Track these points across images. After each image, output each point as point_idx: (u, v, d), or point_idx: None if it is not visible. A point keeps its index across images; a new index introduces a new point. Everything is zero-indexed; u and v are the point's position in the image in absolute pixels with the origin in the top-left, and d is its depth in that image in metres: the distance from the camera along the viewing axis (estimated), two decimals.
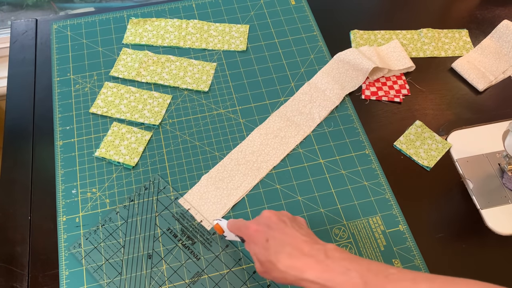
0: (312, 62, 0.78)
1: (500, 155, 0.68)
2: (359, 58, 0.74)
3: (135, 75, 0.75)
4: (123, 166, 0.66)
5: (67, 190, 0.64)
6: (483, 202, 0.64)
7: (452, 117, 0.73)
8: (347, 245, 0.60)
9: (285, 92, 0.75)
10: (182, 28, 0.81)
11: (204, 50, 0.79)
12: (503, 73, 0.77)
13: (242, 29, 0.82)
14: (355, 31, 0.82)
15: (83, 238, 0.60)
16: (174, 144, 0.69)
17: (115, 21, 0.82)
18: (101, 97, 0.73)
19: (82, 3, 1.34)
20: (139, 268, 0.58)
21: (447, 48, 0.81)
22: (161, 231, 0.60)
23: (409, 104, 0.74)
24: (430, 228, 0.62)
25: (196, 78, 0.75)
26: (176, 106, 0.73)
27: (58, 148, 0.68)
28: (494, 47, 0.80)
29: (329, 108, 0.72)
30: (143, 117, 0.71)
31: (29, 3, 1.31)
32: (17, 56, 0.78)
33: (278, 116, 0.71)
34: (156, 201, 0.63)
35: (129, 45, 0.79)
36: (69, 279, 0.57)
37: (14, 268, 0.58)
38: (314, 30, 0.82)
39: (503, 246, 0.61)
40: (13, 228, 0.61)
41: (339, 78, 0.75)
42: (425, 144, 0.69)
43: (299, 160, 0.68)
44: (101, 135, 0.69)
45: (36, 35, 0.81)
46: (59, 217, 0.62)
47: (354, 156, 0.68)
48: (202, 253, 0.59)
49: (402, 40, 0.81)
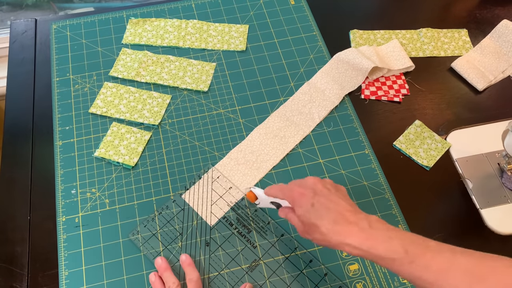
0: (311, 62, 0.78)
1: (499, 154, 0.68)
2: (359, 57, 0.74)
3: (134, 75, 0.75)
4: (123, 166, 0.66)
5: (66, 190, 0.64)
6: (483, 202, 0.64)
7: (451, 117, 0.73)
8: None
9: (284, 92, 0.75)
10: (181, 28, 0.81)
11: (204, 50, 0.79)
12: (502, 73, 0.77)
13: (241, 29, 0.82)
14: (354, 30, 0.82)
15: (141, 226, 0.61)
16: (174, 144, 0.69)
17: (114, 21, 0.82)
18: (101, 97, 0.73)
19: (82, 3, 1.34)
20: (197, 254, 0.59)
21: (446, 48, 0.81)
22: (217, 219, 0.62)
23: (409, 103, 0.74)
24: (430, 228, 0.62)
25: (196, 78, 0.75)
26: (176, 106, 0.73)
27: (58, 148, 0.68)
28: (493, 47, 0.80)
29: (328, 108, 0.72)
30: (143, 117, 0.71)
31: (29, 3, 1.31)
32: (16, 56, 0.78)
33: (278, 116, 0.71)
34: (211, 191, 0.64)
35: (129, 45, 0.79)
36: (69, 279, 0.57)
37: (14, 268, 0.58)
38: (314, 30, 0.82)
39: (503, 245, 0.61)
40: (12, 228, 0.61)
41: (339, 78, 0.75)
42: (425, 144, 0.69)
43: (299, 160, 0.68)
44: (101, 135, 0.69)
45: (36, 35, 0.81)
46: (58, 217, 0.62)
47: (353, 156, 0.68)
48: (257, 241, 0.60)
49: (401, 40, 0.81)
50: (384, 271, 0.59)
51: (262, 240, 0.61)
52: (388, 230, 0.44)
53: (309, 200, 0.47)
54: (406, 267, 0.41)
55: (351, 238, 0.44)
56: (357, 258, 0.60)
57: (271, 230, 0.61)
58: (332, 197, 0.47)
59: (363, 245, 0.43)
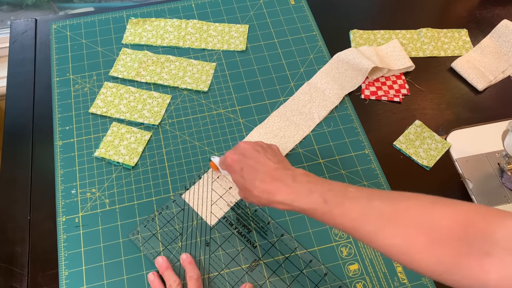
0: (311, 62, 0.78)
1: (499, 154, 0.68)
2: (359, 57, 0.74)
3: (134, 75, 0.75)
4: (123, 166, 0.66)
5: (66, 190, 0.64)
6: (483, 202, 0.64)
7: (451, 117, 0.73)
8: (346, 245, 0.60)
9: (284, 92, 0.75)
10: (181, 28, 0.81)
11: (204, 50, 0.79)
12: (502, 73, 0.77)
13: (241, 29, 0.82)
14: (354, 30, 0.82)
15: (141, 226, 0.61)
16: (174, 144, 0.69)
17: (114, 21, 0.82)
18: (101, 97, 0.73)
19: (82, 3, 1.34)
20: (197, 254, 0.59)
21: (446, 48, 0.81)
22: (217, 219, 0.62)
23: (409, 103, 0.74)
24: None
25: (196, 78, 0.75)
26: (176, 106, 0.73)
27: (58, 148, 0.68)
28: (493, 47, 0.80)
29: (328, 108, 0.72)
30: (143, 117, 0.71)
31: (29, 3, 1.31)
32: (16, 56, 0.78)
33: (278, 116, 0.71)
34: (211, 191, 0.64)
35: (129, 45, 0.79)
36: (69, 279, 0.57)
37: (14, 268, 0.58)
38: (314, 30, 0.82)
39: None
40: (12, 228, 0.61)
41: (339, 78, 0.75)
42: (425, 144, 0.69)
43: (299, 160, 0.68)
44: (101, 135, 0.69)
45: (36, 35, 0.81)
46: (58, 217, 0.62)
47: (353, 156, 0.68)
48: (257, 241, 0.60)
49: (401, 40, 0.81)
50: (384, 271, 0.59)
51: (262, 240, 0.61)
52: (310, 182, 0.46)
53: (239, 165, 0.50)
54: (327, 217, 0.44)
55: (278, 195, 0.46)
56: (357, 258, 0.60)
57: (271, 230, 0.61)
58: (260, 158, 0.50)
59: (287, 200, 0.46)
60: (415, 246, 0.38)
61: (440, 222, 0.38)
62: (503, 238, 0.34)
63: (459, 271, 0.36)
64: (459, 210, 0.38)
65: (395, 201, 0.41)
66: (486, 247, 0.35)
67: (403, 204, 0.41)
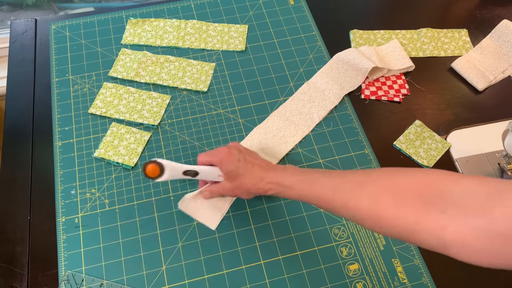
0: (311, 62, 0.78)
1: (499, 154, 0.68)
2: (359, 58, 0.74)
3: (134, 75, 0.75)
4: (122, 167, 0.66)
5: (66, 191, 0.64)
6: None
7: (451, 117, 0.73)
8: (346, 244, 0.60)
9: (284, 92, 0.74)
10: (181, 28, 0.81)
11: (203, 50, 0.79)
12: (502, 73, 0.77)
13: (241, 29, 0.82)
14: (354, 30, 0.82)
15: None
16: (173, 144, 0.69)
17: (114, 22, 0.82)
18: (100, 97, 0.73)
19: (82, 3, 1.34)
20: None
21: (446, 48, 0.81)
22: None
23: (409, 103, 0.74)
24: None
25: (195, 78, 0.75)
26: (175, 106, 0.73)
27: (57, 148, 0.68)
28: (493, 47, 0.80)
29: (328, 108, 0.72)
30: (142, 117, 0.71)
31: (29, 3, 1.31)
32: (16, 56, 0.78)
33: (277, 116, 0.71)
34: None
35: (128, 46, 0.79)
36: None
37: (14, 268, 0.58)
38: (313, 30, 0.82)
39: None
40: (12, 228, 0.61)
41: (339, 78, 0.75)
42: (425, 144, 0.69)
43: (299, 160, 0.68)
44: (100, 136, 0.69)
45: (36, 35, 0.81)
46: (58, 217, 0.62)
47: (353, 156, 0.68)
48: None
49: (401, 40, 0.81)
50: (384, 270, 0.59)
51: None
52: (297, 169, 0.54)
53: (236, 157, 0.57)
54: (307, 191, 0.50)
55: (268, 177, 0.54)
56: (357, 258, 0.60)
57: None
58: (252, 154, 0.58)
59: (276, 178, 0.53)
60: (382, 208, 0.41)
61: (404, 186, 0.41)
62: (458, 195, 0.37)
63: (422, 230, 0.38)
64: (421, 174, 0.42)
65: (365, 173, 0.47)
66: (442, 205, 0.38)
67: (374, 176, 0.45)
